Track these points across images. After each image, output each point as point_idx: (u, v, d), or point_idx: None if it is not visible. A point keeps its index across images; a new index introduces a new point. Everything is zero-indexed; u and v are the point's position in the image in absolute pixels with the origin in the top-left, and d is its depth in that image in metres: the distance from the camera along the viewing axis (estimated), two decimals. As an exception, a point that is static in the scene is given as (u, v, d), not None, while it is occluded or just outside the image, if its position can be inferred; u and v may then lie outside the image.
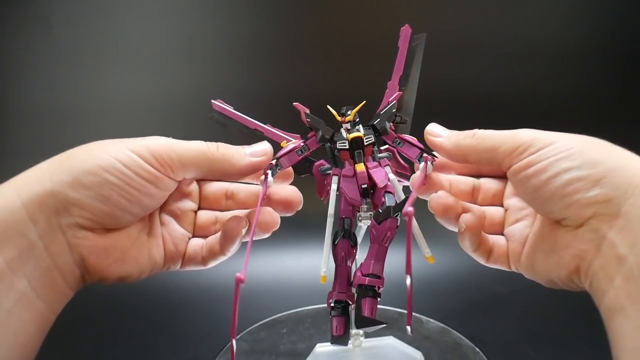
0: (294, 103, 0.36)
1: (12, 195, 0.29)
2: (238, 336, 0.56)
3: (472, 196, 0.38)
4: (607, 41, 0.83)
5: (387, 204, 0.34)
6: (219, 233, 0.36)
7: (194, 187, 0.39)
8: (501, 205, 0.38)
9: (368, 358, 0.47)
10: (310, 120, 0.37)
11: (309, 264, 0.72)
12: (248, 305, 0.62)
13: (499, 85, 0.83)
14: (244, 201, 0.39)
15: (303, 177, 0.39)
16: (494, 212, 0.38)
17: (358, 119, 0.37)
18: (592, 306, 0.30)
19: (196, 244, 0.37)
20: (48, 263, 0.29)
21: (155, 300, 0.68)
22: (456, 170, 0.38)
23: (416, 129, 0.38)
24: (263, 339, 0.56)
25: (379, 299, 0.34)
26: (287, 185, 0.38)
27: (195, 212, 0.39)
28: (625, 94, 0.85)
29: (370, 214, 0.36)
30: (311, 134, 0.37)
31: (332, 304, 0.37)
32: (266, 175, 0.35)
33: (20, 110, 0.80)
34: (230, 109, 0.38)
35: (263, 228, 0.35)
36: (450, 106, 0.77)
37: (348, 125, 0.36)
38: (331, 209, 0.36)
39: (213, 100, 0.38)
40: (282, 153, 0.37)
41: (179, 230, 0.37)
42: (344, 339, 0.37)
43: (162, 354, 0.59)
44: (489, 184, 0.39)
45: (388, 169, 0.36)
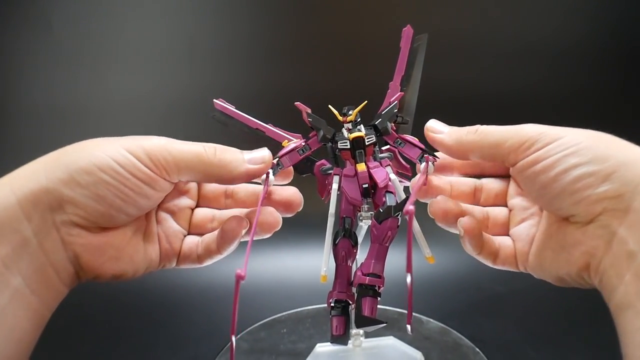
0: (296, 103, 0.36)
1: (7, 192, 0.29)
2: (238, 336, 0.56)
3: (474, 197, 0.38)
4: (607, 41, 0.83)
5: (388, 204, 0.34)
6: (216, 231, 0.36)
7: (193, 185, 0.39)
8: (505, 205, 0.38)
9: (368, 358, 0.47)
10: (311, 119, 0.37)
11: (309, 264, 0.72)
12: (248, 305, 0.62)
13: (499, 85, 0.83)
14: (244, 200, 0.39)
15: (304, 177, 0.39)
16: (498, 213, 0.37)
17: (359, 119, 0.37)
18: (592, 306, 0.30)
19: (191, 241, 0.37)
20: (42, 260, 0.29)
21: (155, 300, 0.68)
22: (458, 170, 0.38)
23: (417, 130, 0.38)
24: (263, 339, 0.56)
25: (379, 299, 0.34)
26: (288, 186, 0.38)
27: (192, 210, 0.39)
28: (626, 94, 0.85)
29: (371, 214, 0.36)
30: (312, 133, 0.37)
31: (332, 303, 0.37)
32: (267, 174, 0.35)
33: (20, 110, 0.80)
34: (232, 108, 0.38)
35: (264, 228, 0.35)
36: (450, 106, 0.76)
37: (349, 125, 0.36)
38: (332, 208, 0.36)
39: (215, 100, 0.38)
40: (284, 152, 0.37)
41: (174, 227, 0.37)
42: (343, 338, 0.37)
43: (162, 354, 0.59)
44: (491, 184, 0.38)
45: (389, 169, 0.36)
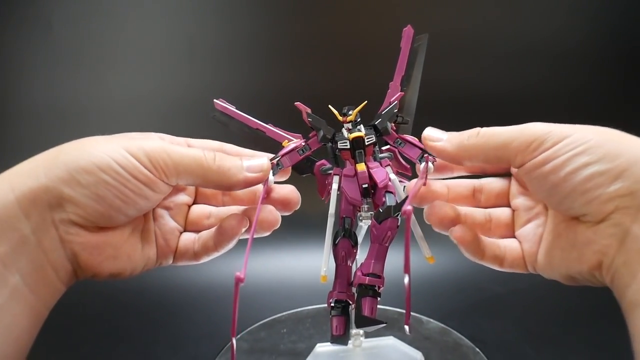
0: (296, 103, 0.36)
1: (5, 190, 0.29)
2: (238, 336, 0.56)
3: (474, 198, 0.37)
4: (607, 41, 0.83)
5: (388, 204, 0.34)
6: (213, 229, 0.36)
7: None
8: (507, 205, 0.37)
9: (368, 358, 0.47)
10: (311, 119, 0.37)
11: (309, 264, 0.72)
12: (248, 305, 0.62)
13: (500, 86, 0.83)
14: (241, 198, 0.39)
15: (304, 177, 0.39)
16: (500, 214, 0.37)
17: (359, 119, 0.36)
18: (592, 306, 0.30)
19: (188, 238, 0.37)
20: (41, 258, 0.29)
21: (155, 300, 0.68)
22: (458, 169, 0.38)
23: (417, 130, 0.38)
24: (263, 339, 0.56)
25: (379, 299, 0.34)
26: (285, 184, 0.38)
27: (189, 207, 0.39)
28: (626, 94, 0.85)
29: (371, 214, 0.36)
30: (312, 133, 0.37)
31: (332, 303, 0.37)
32: (267, 173, 0.35)
33: (20, 110, 0.80)
34: (232, 108, 0.38)
35: (264, 226, 0.35)
36: (450, 106, 0.77)
37: (349, 125, 0.36)
38: (332, 208, 0.36)
39: (215, 100, 0.38)
40: (284, 152, 0.37)
41: (171, 224, 0.37)
42: (343, 338, 0.37)
43: (162, 354, 0.59)
44: (492, 184, 0.38)
45: (389, 169, 0.36)
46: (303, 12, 0.80)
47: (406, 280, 0.26)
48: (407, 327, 0.28)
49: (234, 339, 0.29)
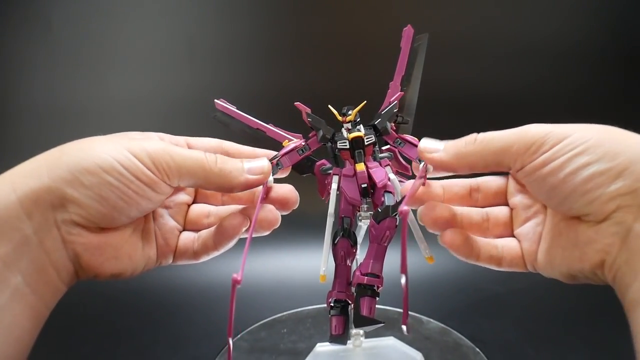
0: (296, 103, 0.36)
1: (7, 191, 0.28)
2: (238, 336, 0.56)
3: (471, 198, 0.37)
4: (607, 41, 0.83)
5: (387, 204, 0.34)
6: (213, 228, 0.36)
7: None
8: (505, 204, 0.37)
9: (368, 358, 0.47)
10: (311, 119, 0.37)
11: (309, 264, 0.72)
12: (248, 305, 0.62)
13: (500, 85, 0.83)
14: (240, 197, 0.39)
15: (304, 177, 0.39)
16: (498, 213, 0.36)
17: (359, 119, 0.36)
18: (592, 306, 0.30)
19: (187, 237, 0.37)
20: (42, 258, 0.29)
21: (155, 300, 0.68)
22: None
23: (418, 129, 0.38)
24: (263, 339, 0.56)
25: (377, 299, 0.34)
26: (284, 183, 0.38)
27: (188, 206, 0.39)
28: (626, 94, 0.85)
29: (370, 214, 0.36)
30: (312, 133, 0.37)
31: (332, 303, 0.37)
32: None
33: (20, 110, 0.80)
34: (233, 108, 0.38)
35: (264, 225, 0.35)
36: (450, 106, 0.77)
37: (349, 125, 0.36)
38: (331, 208, 0.36)
39: (216, 100, 0.38)
40: (283, 152, 0.37)
41: (170, 223, 0.37)
42: (343, 338, 0.37)
43: (162, 354, 0.59)
44: (489, 183, 0.37)
45: (389, 169, 0.36)
46: (303, 12, 0.80)
47: (403, 280, 0.26)
48: (405, 328, 0.28)
49: (231, 340, 0.29)
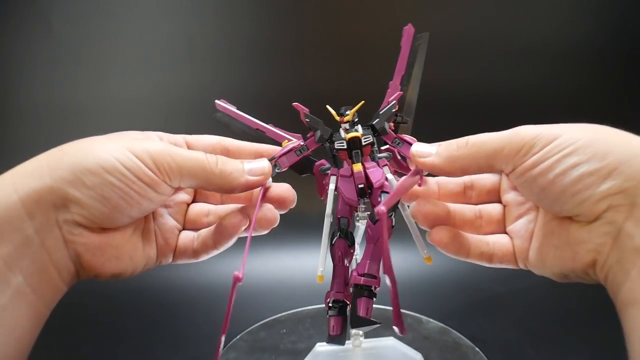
0: (294, 103, 0.36)
1: (9, 191, 0.28)
2: (238, 336, 0.56)
3: (465, 195, 0.37)
4: (607, 41, 0.83)
5: (383, 204, 0.34)
6: (212, 227, 0.36)
7: None
8: (498, 201, 0.37)
9: (368, 358, 0.47)
10: (309, 120, 0.37)
11: (309, 264, 0.72)
12: (248, 305, 0.62)
13: (499, 85, 0.83)
14: (239, 196, 0.39)
15: (303, 177, 0.39)
16: (491, 210, 0.37)
17: (357, 119, 0.36)
18: (592, 306, 0.30)
19: (187, 236, 0.37)
20: (44, 258, 0.29)
21: (155, 300, 0.68)
22: None
23: (417, 129, 0.38)
24: (263, 339, 0.56)
25: (374, 299, 0.34)
26: (281, 182, 0.38)
27: (188, 205, 0.39)
28: (626, 94, 0.85)
29: (367, 214, 0.36)
30: (310, 134, 0.37)
31: (330, 303, 0.37)
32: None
33: (20, 110, 0.80)
34: (233, 108, 0.38)
35: (263, 224, 0.35)
36: (450, 106, 0.77)
37: (347, 125, 0.36)
38: (329, 208, 0.36)
39: (217, 100, 0.38)
40: (281, 153, 0.37)
41: (170, 222, 0.37)
42: (341, 338, 0.37)
43: (162, 354, 0.59)
44: (483, 180, 0.37)
45: (387, 169, 0.36)
46: (303, 12, 0.80)
47: (387, 281, 0.26)
48: (396, 329, 0.28)
49: (223, 337, 0.29)
